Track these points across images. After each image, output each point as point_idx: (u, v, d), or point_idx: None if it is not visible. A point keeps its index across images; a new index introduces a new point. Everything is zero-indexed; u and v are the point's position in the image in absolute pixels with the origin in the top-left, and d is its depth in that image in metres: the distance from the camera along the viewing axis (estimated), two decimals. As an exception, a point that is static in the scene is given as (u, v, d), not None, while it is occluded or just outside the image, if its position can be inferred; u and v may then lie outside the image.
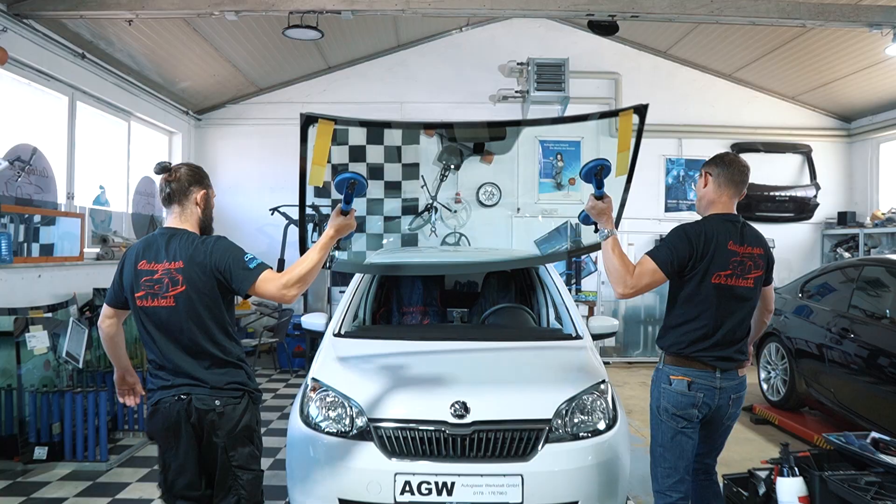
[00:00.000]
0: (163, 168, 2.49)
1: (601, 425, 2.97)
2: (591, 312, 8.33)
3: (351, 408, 2.94)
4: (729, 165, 2.74)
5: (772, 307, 2.98)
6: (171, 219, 2.50)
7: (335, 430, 2.92)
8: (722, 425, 2.76)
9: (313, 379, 3.14)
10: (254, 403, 2.53)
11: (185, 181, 2.48)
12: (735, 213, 2.76)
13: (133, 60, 6.94)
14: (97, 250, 6.72)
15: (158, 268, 2.39)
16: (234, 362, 2.48)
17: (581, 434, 2.91)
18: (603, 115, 3.19)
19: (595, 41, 9.27)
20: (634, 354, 8.84)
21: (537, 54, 8.81)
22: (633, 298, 8.97)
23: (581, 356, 3.40)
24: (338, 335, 3.61)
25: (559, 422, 2.89)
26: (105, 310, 2.58)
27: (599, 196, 2.65)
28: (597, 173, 2.65)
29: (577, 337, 3.62)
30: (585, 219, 2.77)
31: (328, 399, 3.02)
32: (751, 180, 10.12)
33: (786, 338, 5.60)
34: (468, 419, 2.81)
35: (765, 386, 6.00)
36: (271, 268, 2.41)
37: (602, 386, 3.11)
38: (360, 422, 2.89)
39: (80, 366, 4.63)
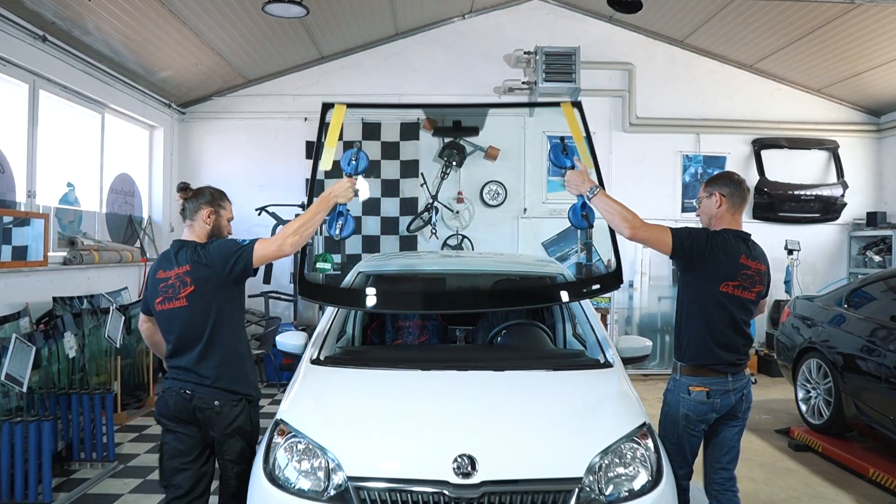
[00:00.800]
0: (180, 188, 2.83)
1: (643, 483, 2.34)
2: (603, 320, 7.70)
3: (327, 461, 2.31)
4: (739, 185, 2.83)
5: (763, 312, 3.27)
6: (184, 232, 2.82)
7: (306, 489, 2.30)
8: (735, 420, 2.87)
9: (281, 421, 2.53)
10: (251, 407, 2.78)
11: (198, 200, 2.79)
12: (743, 229, 2.87)
13: (105, 46, 6.31)
14: (64, 254, 6.09)
15: (171, 274, 2.69)
16: (238, 362, 2.72)
17: (619, 495, 2.29)
18: (545, 105, 3.49)
19: (607, 30, 8.68)
20: (651, 366, 8.19)
21: (545, 43, 8.20)
22: (648, 307, 8.39)
23: (614, 390, 2.77)
24: (316, 362, 2.98)
25: (591, 479, 2.27)
26: (140, 316, 2.95)
27: (571, 166, 2.84)
28: (562, 150, 2.85)
29: (606, 364, 3.00)
30: (574, 217, 2.91)
31: (299, 447, 2.40)
32: (773, 178, 9.38)
33: (830, 353, 4.98)
34: (476, 478, 2.19)
35: (803, 407, 5.37)
36: (265, 238, 2.72)
37: (643, 430, 2.49)
38: (337, 479, 2.27)
39: (24, 389, 4.01)
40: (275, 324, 7.40)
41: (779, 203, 8.62)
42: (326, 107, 3.20)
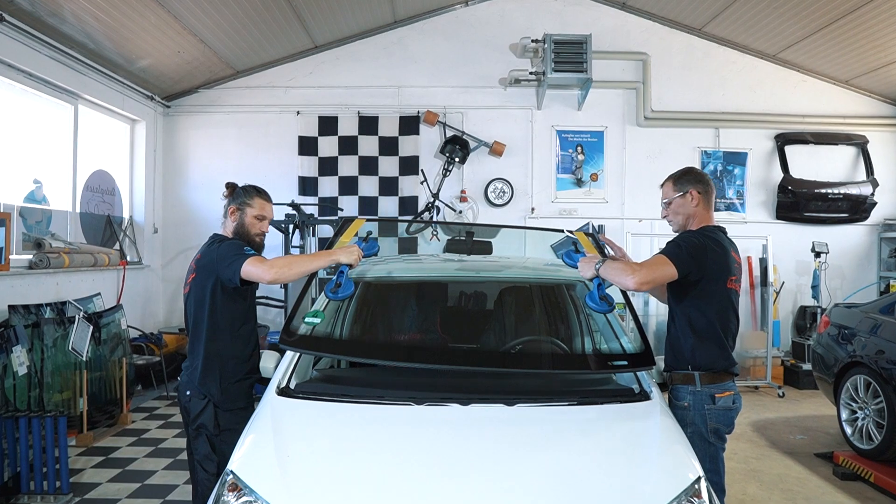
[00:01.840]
0: (226, 186, 2.98)
1: (703, 560, 1.78)
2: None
3: (286, 531, 1.76)
4: (708, 182, 2.81)
5: None
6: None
7: (259, 569, 1.75)
8: None
9: (232, 473, 1.96)
10: (220, 411, 2.72)
11: (230, 198, 2.94)
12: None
13: (74, 29, 5.76)
14: (29, 257, 5.55)
15: (192, 263, 2.85)
16: (212, 360, 2.74)
17: (673, 579, 1.73)
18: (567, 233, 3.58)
19: (620, 17, 8.13)
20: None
21: (554, 31, 7.65)
22: (665, 313, 7.84)
23: (656, 433, 2.17)
24: (284, 392, 2.42)
25: (636, 559, 1.71)
26: None
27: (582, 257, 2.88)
28: (575, 250, 2.98)
29: (643, 395, 2.43)
30: (594, 303, 2.70)
31: (253, 509, 1.85)
32: (798, 176, 8.73)
33: (881, 369, 4.40)
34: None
35: (849, 429, 4.79)
36: (263, 257, 2.73)
37: (697, 486, 1.93)
38: (299, 558, 1.72)
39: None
40: (262, 332, 6.86)
41: (804, 202, 8.04)
42: (348, 220, 3.50)
